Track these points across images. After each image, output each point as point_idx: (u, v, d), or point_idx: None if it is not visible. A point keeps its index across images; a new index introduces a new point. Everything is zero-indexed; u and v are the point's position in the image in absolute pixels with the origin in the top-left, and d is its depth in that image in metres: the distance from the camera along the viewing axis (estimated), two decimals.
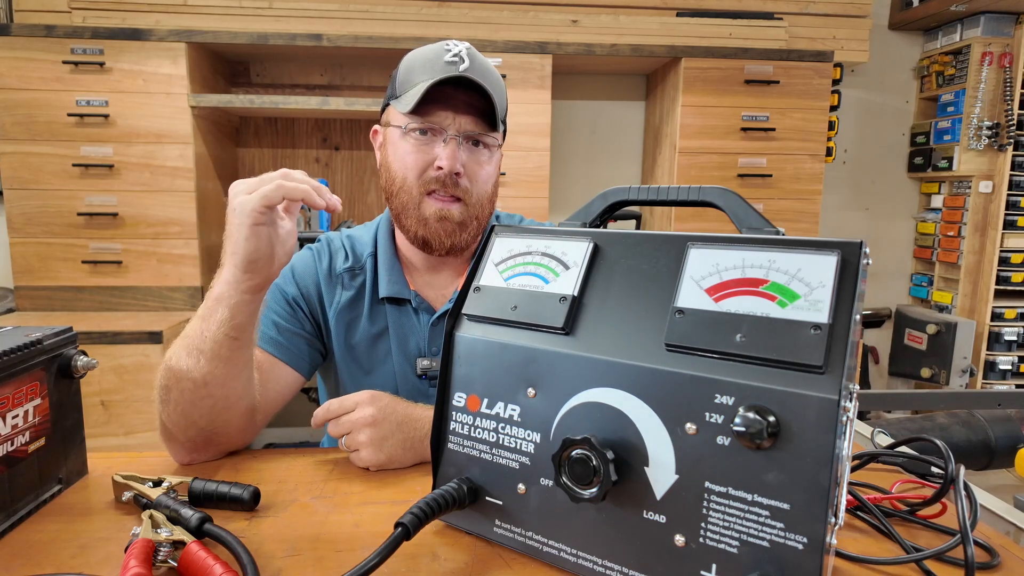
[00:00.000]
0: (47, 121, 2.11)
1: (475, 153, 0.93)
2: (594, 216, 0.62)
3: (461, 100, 0.90)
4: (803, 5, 2.58)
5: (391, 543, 0.50)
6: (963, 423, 1.50)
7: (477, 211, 0.94)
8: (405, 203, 0.93)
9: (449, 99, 0.89)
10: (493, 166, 0.96)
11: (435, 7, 2.37)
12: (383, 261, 0.99)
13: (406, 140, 0.92)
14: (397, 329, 0.97)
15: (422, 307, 0.97)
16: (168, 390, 0.73)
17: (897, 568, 0.56)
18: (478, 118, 0.91)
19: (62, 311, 2.18)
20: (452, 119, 0.90)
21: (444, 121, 0.90)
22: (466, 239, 0.95)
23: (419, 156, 0.91)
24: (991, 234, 2.69)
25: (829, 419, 0.42)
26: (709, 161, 2.40)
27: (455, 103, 0.90)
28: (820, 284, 0.46)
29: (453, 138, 0.90)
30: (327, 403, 0.77)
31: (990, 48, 2.61)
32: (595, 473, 0.49)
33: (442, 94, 0.89)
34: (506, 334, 0.57)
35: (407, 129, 0.91)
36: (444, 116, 0.90)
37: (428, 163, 0.91)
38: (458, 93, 0.90)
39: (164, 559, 0.52)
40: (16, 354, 0.60)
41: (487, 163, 0.94)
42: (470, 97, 0.90)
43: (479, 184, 0.93)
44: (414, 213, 0.92)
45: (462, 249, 0.97)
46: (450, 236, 0.93)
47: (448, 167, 0.89)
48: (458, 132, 0.90)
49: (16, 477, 0.61)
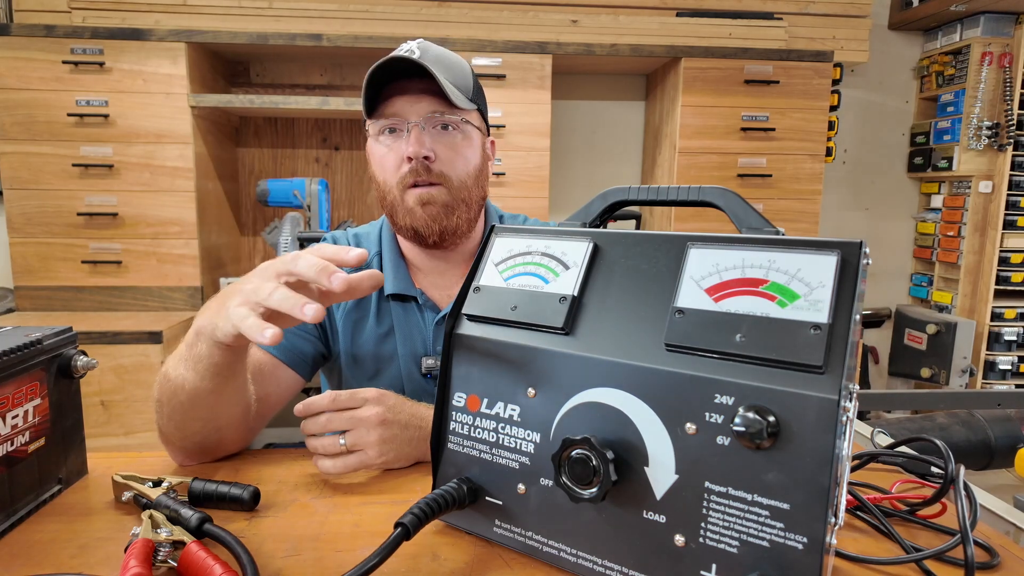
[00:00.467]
0: (47, 121, 2.11)
1: (445, 136, 0.92)
2: (594, 216, 0.62)
3: (416, 88, 0.90)
4: (803, 5, 2.57)
5: (391, 543, 0.50)
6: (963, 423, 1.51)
7: (463, 194, 0.93)
8: (392, 202, 0.93)
9: (403, 90, 0.90)
10: (471, 148, 0.95)
11: (435, 7, 2.37)
12: (388, 260, 0.99)
13: (379, 144, 0.93)
14: (403, 327, 0.97)
15: (427, 306, 0.97)
16: (162, 403, 0.73)
17: (897, 568, 0.56)
18: (435, 100, 0.91)
19: (62, 311, 2.18)
20: (409, 107, 0.90)
21: (402, 111, 0.91)
22: (457, 223, 0.94)
23: (391, 155, 0.92)
24: (991, 234, 2.69)
25: (829, 419, 0.42)
26: (709, 161, 2.40)
27: (409, 91, 0.90)
28: (820, 284, 0.46)
29: (415, 125, 0.90)
30: (332, 392, 0.73)
31: (990, 48, 2.61)
32: (595, 473, 0.49)
33: (395, 89, 0.90)
34: (506, 334, 0.57)
35: (377, 133, 0.93)
36: (400, 106, 0.90)
37: (400, 158, 0.91)
38: (411, 83, 0.90)
39: (164, 559, 0.52)
40: (16, 354, 0.59)
41: (463, 145, 0.93)
42: (424, 83, 0.90)
43: (456, 166, 0.93)
44: (401, 208, 0.93)
45: (455, 235, 0.95)
46: (436, 220, 0.92)
47: (414, 152, 0.89)
48: (418, 117, 0.90)
49: (16, 477, 0.61)
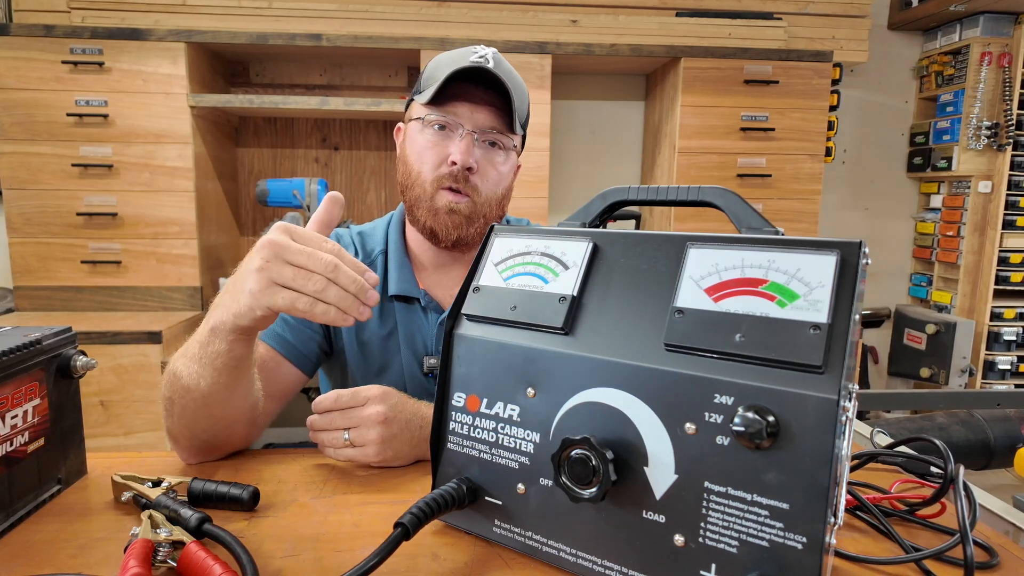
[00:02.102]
0: (46, 121, 2.11)
1: (489, 152, 0.94)
2: (593, 216, 0.62)
3: (480, 97, 0.92)
4: (802, 5, 2.57)
5: (390, 543, 0.50)
6: (962, 423, 1.51)
7: (485, 209, 0.95)
8: (419, 195, 0.94)
9: (469, 95, 0.91)
10: (507, 168, 0.96)
11: (435, 7, 2.37)
12: (393, 259, 1.00)
13: (424, 134, 0.93)
14: (406, 327, 0.97)
15: (431, 306, 0.98)
16: (172, 402, 0.73)
17: (896, 568, 0.56)
18: (495, 115, 0.92)
19: (61, 311, 2.17)
20: (469, 113, 0.91)
21: (461, 114, 0.91)
22: (472, 234, 0.95)
23: (435, 151, 0.92)
24: (990, 234, 2.69)
25: (828, 419, 0.42)
26: (708, 161, 2.40)
27: (474, 98, 0.91)
28: (819, 284, 0.46)
29: (469, 133, 0.91)
30: (336, 392, 0.74)
31: (989, 48, 2.61)
32: (594, 473, 0.49)
33: (462, 90, 0.91)
34: (505, 334, 0.57)
35: (426, 121, 0.92)
36: (462, 109, 0.91)
37: (443, 158, 0.92)
38: (478, 90, 0.91)
39: (163, 559, 0.52)
40: (15, 354, 0.59)
41: (501, 164, 0.95)
42: (489, 95, 0.92)
43: (489, 183, 0.94)
44: (426, 204, 0.93)
45: (466, 244, 0.97)
46: (457, 228, 0.93)
47: (461, 161, 0.90)
48: (474, 127, 0.91)
49: (15, 477, 0.61)
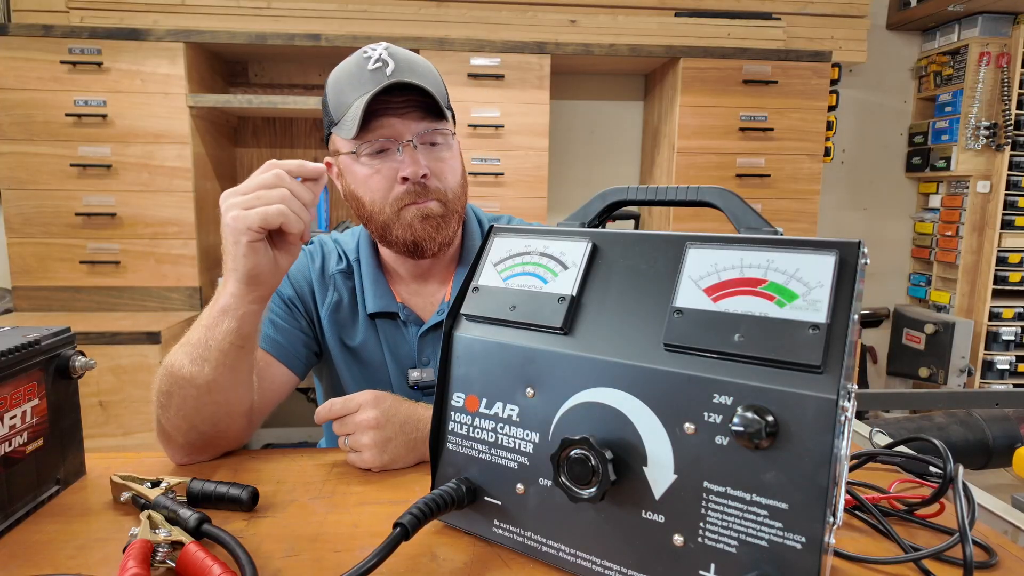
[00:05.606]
0: (45, 121, 2.11)
1: (433, 151, 0.90)
2: (592, 216, 0.62)
3: (400, 103, 0.87)
4: (801, 5, 2.58)
5: (390, 543, 0.50)
6: (961, 423, 1.51)
7: (455, 204, 0.93)
8: (385, 221, 0.90)
9: (389, 106, 0.86)
10: (455, 157, 0.93)
11: (434, 7, 2.37)
12: (367, 275, 0.98)
13: (363, 164, 0.89)
14: (389, 340, 0.97)
15: (410, 319, 0.97)
16: (170, 395, 0.73)
17: (896, 567, 0.56)
18: (423, 113, 0.88)
19: (60, 311, 2.17)
20: (402, 125, 0.87)
21: (394, 131, 0.87)
22: (451, 233, 0.94)
23: (381, 176, 0.88)
24: (989, 234, 2.70)
25: (827, 419, 0.43)
26: (707, 161, 2.40)
27: (396, 108, 0.86)
28: (818, 284, 0.46)
29: (407, 144, 0.87)
30: (330, 402, 0.76)
31: (988, 48, 2.61)
32: (594, 473, 0.49)
33: (381, 105, 0.85)
34: (505, 334, 0.57)
35: (360, 154, 0.88)
36: (391, 125, 0.87)
37: (392, 179, 0.88)
38: (395, 99, 0.86)
39: (162, 559, 0.52)
40: (14, 355, 0.59)
41: (449, 157, 0.92)
42: (408, 96, 0.87)
43: (447, 179, 0.91)
44: (397, 225, 0.90)
45: (450, 244, 0.96)
46: (438, 230, 0.91)
47: (412, 174, 0.86)
48: (411, 135, 0.87)
49: (14, 478, 0.61)
